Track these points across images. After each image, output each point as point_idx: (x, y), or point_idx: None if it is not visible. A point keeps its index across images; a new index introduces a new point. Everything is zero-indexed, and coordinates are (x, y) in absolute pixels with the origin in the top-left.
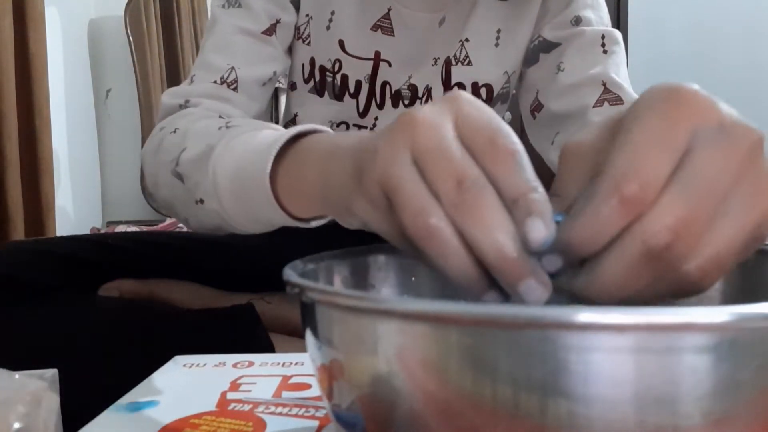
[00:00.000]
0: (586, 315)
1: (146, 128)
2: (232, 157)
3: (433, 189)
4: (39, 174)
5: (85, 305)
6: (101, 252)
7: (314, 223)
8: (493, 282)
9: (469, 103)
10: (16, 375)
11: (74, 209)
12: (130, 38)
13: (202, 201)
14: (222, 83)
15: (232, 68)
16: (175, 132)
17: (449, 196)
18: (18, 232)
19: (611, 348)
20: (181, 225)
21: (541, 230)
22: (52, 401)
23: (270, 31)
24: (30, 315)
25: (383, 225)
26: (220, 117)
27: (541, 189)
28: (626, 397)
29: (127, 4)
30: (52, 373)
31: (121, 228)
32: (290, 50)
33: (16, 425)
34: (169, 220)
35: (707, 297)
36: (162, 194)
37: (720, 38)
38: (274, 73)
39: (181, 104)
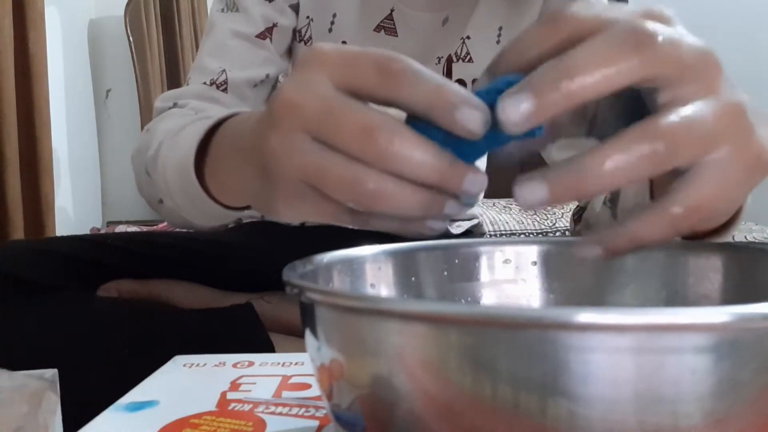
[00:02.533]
0: (586, 315)
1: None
2: (176, 153)
3: (347, 152)
4: (39, 174)
5: (85, 305)
6: (101, 252)
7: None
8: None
9: (330, 50)
10: (16, 375)
11: (74, 209)
12: (130, 38)
13: (161, 201)
14: (212, 84)
15: (224, 71)
16: (148, 131)
17: (366, 152)
18: (18, 232)
19: (611, 348)
20: None
21: (474, 115)
22: (52, 401)
23: (264, 35)
24: (30, 315)
25: (319, 211)
26: (195, 114)
27: (444, 81)
28: (626, 397)
29: (127, 4)
30: (52, 373)
31: (121, 228)
32: (290, 53)
33: (16, 425)
34: None
35: (707, 297)
36: (143, 194)
37: (720, 38)
38: (267, 75)
39: (169, 107)
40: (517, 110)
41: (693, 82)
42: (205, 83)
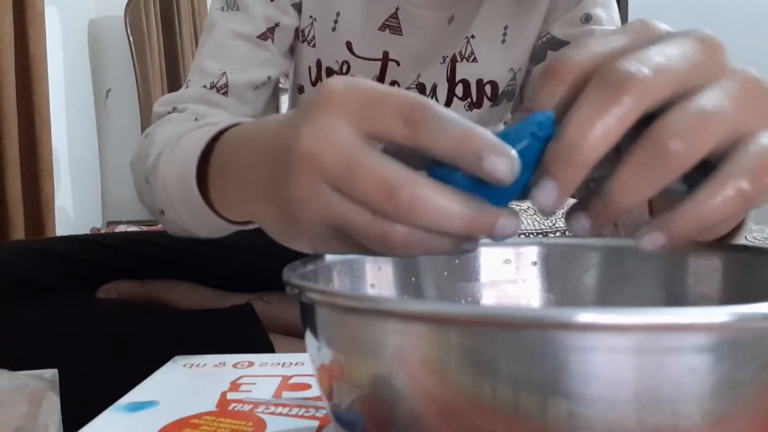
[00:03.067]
0: (586, 315)
1: (146, 128)
2: (176, 163)
3: (370, 208)
4: (39, 174)
5: (85, 305)
6: (101, 252)
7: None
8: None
9: (345, 92)
10: (16, 375)
11: (74, 209)
12: (130, 38)
13: (162, 212)
14: (212, 88)
15: (224, 73)
16: (146, 137)
17: (389, 209)
18: (18, 232)
19: (611, 348)
20: None
21: (502, 163)
22: (52, 401)
23: (266, 35)
24: (30, 315)
25: (348, 249)
26: (195, 120)
27: (470, 126)
28: (626, 397)
29: (127, 4)
30: (52, 373)
31: (121, 228)
32: (291, 52)
33: (16, 425)
34: None
35: (707, 297)
36: (144, 202)
37: (720, 39)
38: (269, 77)
39: (168, 111)
40: (547, 197)
41: (703, 77)
42: (204, 86)
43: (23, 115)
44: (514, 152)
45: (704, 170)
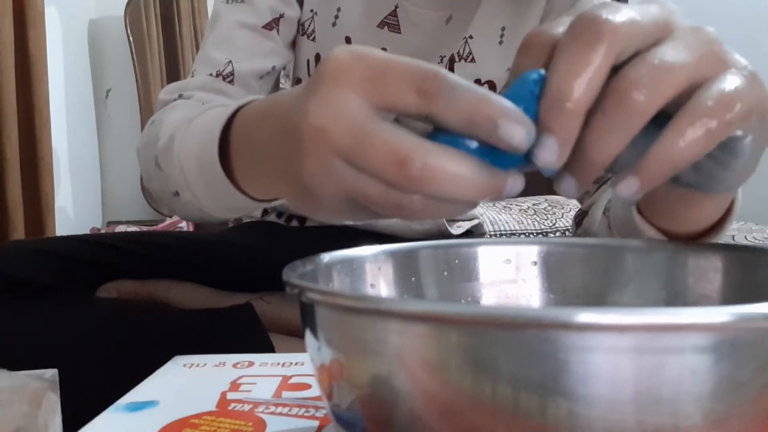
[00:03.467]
0: (586, 315)
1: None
2: (192, 142)
3: (384, 180)
4: (39, 174)
5: (85, 305)
6: (101, 252)
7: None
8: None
9: (353, 62)
10: (16, 375)
11: (74, 209)
12: (130, 38)
13: (177, 193)
14: (218, 76)
15: (230, 62)
16: (153, 123)
17: (401, 180)
18: (18, 232)
19: (611, 348)
20: (181, 225)
21: (518, 130)
22: (52, 401)
23: (271, 26)
24: (30, 315)
25: (367, 215)
26: (203, 104)
27: (483, 93)
28: (626, 397)
29: (127, 4)
30: (52, 373)
31: (121, 228)
32: (293, 45)
33: (16, 425)
34: (169, 220)
35: (707, 297)
36: (153, 187)
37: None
38: (273, 67)
39: (174, 99)
40: (548, 153)
41: (661, 32)
42: (210, 74)
43: (23, 115)
44: (527, 118)
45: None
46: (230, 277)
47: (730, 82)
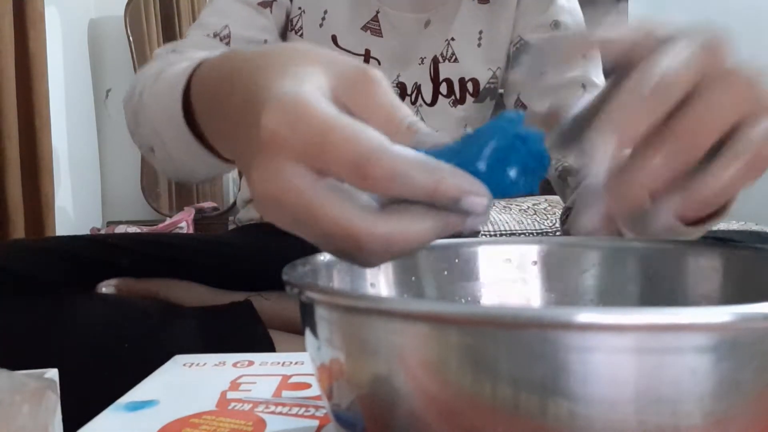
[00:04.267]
0: (586, 315)
1: None
2: (160, 97)
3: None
4: (39, 174)
5: (85, 304)
6: (101, 251)
7: None
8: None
9: (288, 132)
10: (16, 375)
11: (74, 209)
12: (130, 38)
13: (152, 150)
14: (215, 36)
15: (227, 26)
16: (138, 74)
17: (357, 182)
18: (18, 231)
19: (611, 348)
20: (181, 225)
21: (478, 202)
22: (52, 401)
23: (266, 4)
24: (30, 314)
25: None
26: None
27: (440, 172)
28: (626, 397)
29: (127, 4)
30: (52, 373)
31: (121, 228)
32: (283, 38)
33: (16, 425)
34: (169, 220)
35: (707, 297)
36: (136, 141)
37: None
38: (265, 41)
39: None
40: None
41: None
42: (207, 35)
43: (23, 115)
44: (487, 191)
45: None
46: (230, 276)
47: None
